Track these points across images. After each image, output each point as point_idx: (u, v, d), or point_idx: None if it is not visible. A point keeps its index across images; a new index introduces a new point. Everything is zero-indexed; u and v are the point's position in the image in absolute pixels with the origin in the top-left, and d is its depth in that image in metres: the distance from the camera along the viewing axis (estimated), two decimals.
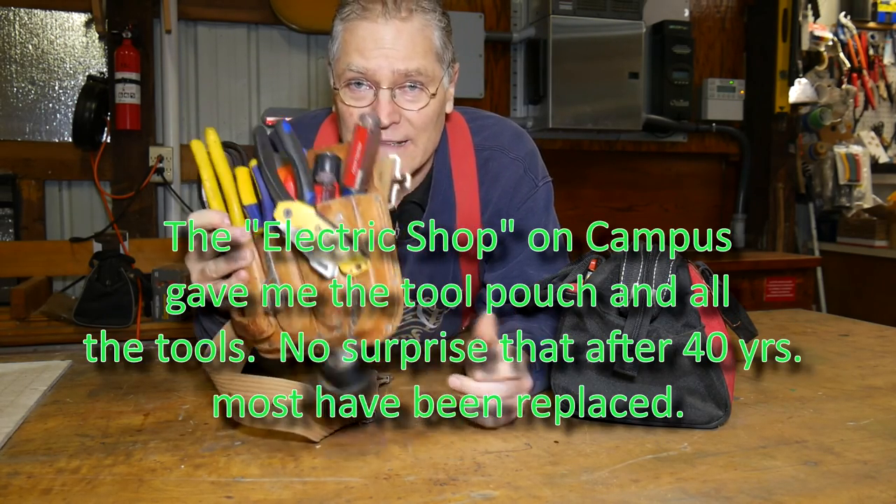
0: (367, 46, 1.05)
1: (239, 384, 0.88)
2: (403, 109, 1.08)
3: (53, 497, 0.75)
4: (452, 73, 1.16)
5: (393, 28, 1.05)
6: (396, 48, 1.05)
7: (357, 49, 1.06)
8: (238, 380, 0.89)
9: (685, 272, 0.98)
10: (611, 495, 0.75)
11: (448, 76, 1.15)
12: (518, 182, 1.24)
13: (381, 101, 1.06)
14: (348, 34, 1.07)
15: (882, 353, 1.38)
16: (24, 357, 1.36)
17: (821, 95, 3.91)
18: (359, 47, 1.06)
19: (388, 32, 1.05)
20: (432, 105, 1.10)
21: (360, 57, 1.05)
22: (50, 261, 2.73)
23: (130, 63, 2.77)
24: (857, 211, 3.95)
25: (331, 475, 0.80)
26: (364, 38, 1.05)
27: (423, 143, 1.13)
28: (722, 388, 0.95)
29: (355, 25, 1.06)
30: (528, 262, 1.24)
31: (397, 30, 1.05)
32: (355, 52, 1.06)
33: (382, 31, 1.05)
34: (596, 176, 3.69)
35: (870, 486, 0.78)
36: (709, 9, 3.72)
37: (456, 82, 1.19)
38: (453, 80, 1.17)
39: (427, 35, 1.08)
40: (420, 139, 1.12)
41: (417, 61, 1.06)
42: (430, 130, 1.13)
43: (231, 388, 0.88)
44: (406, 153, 1.11)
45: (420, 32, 1.07)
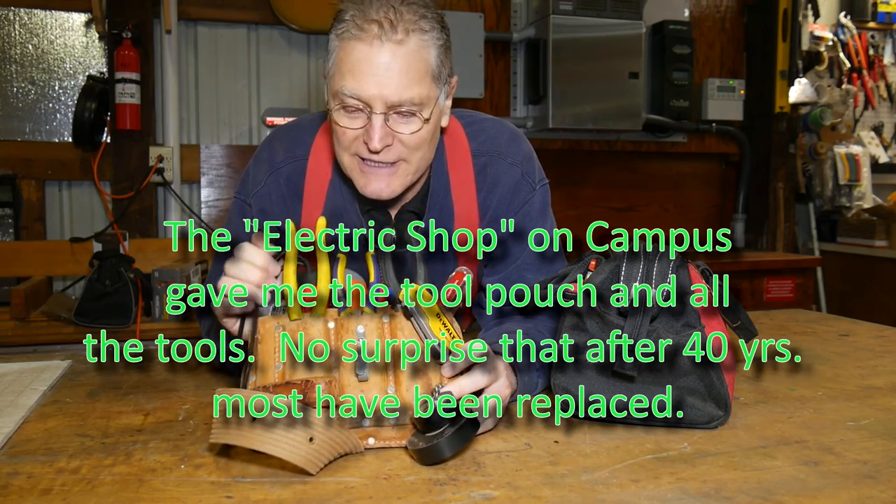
0: (361, 70, 1.03)
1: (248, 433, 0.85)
2: (397, 132, 1.07)
3: (53, 497, 0.75)
4: (449, 88, 1.14)
5: (388, 52, 1.02)
6: (390, 76, 1.03)
7: (351, 72, 1.03)
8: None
9: (685, 272, 0.98)
10: (611, 495, 0.75)
11: (444, 92, 1.12)
12: (515, 187, 1.23)
13: (373, 125, 1.05)
14: (343, 53, 1.05)
15: (882, 353, 1.38)
16: (24, 357, 1.36)
17: (821, 95, 3.91)
18: (353, 70, 1.03)
19: (383, 57, 1.02)
20: (426, 128, 1.09)
21: (354, 80, 1.03)
22: (50, 261, 2.73)
23: (130, 63, 2.77)
24: (857, 211, 3.95)
25: (331, 475, 0.80)
26: (358, 62, 1.03)
27: (416, 161, 1.12)
28: (722, 388, 0.95)
29: (350, 46, 1.04)
30: (525, 265, 1.24)
31: (392, 54, 1.02)
32: (349, 75, 1.04)
33: (377, 56, 1.02)
34: (596, 176, 3.69)
35: (870, 486, 0.78)
36: (709, 9, 3.72)
37: (453, 94, 1.16)
38: (450, 94, 1.15)
39: (423, 57, 1.05)
40: (413, 159, 1.11)
41: (412, 90, 1.04)
42: (424, 149, 1.12)
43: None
44: (397, 174, 1.11)
45: (416, 55, 1.04)
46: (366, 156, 1.08)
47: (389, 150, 1.08)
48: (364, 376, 0.89)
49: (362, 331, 0.92)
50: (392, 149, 1.08)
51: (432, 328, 0.91)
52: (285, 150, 1.23)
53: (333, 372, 0.89)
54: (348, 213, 1.22)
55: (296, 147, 1.23)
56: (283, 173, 1.22)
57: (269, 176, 1.22)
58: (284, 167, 1.22)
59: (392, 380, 0.90)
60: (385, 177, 1.10)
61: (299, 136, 1.25)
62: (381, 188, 1.11)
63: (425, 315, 0.91)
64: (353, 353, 0.91)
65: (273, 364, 0.90)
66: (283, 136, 1.27)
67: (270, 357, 0.91)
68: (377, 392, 0.89)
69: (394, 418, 0.89)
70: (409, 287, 0.93)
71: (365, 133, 1.06)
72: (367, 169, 1.10)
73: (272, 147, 1.25)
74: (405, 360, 0.92)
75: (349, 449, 0.85)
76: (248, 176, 1.25)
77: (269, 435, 0.78)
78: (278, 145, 1.25)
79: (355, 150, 1.09)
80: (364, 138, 1.07)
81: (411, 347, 0.92)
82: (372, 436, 0.88)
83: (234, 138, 3.15)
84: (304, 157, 1.22)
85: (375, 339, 0.92)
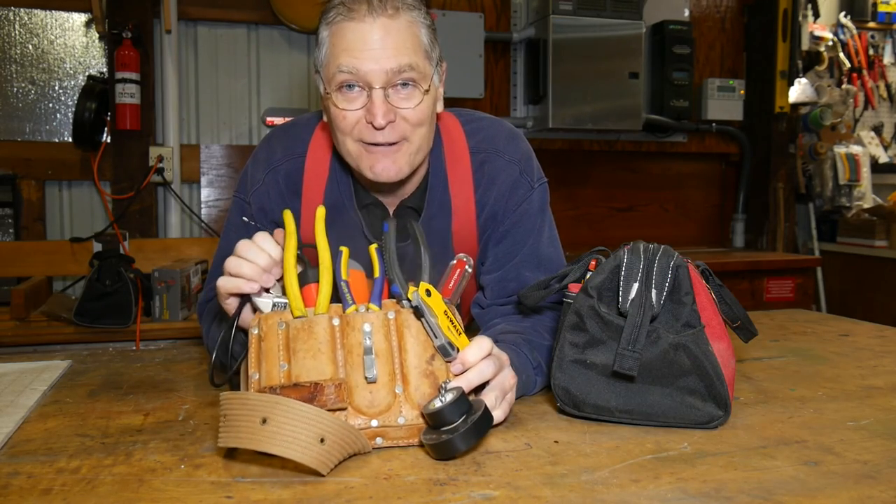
0: (357, 47, 1.04)
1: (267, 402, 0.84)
2: (398, 108, 1.07)
3: (53, 497, 0.75)
4: (441, 71, 1.16)
5: (380, 26, 1.04)
6: (386, 46, 1.04)
7: (346, 50, 1.05)
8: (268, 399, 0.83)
9: (685, 271, 0.98)
10: (611, 495, 0.75)
11: (437, 74, 1.14)
12: (514, 185, 1.23)
13: (374, 101, 1.06)
14: (336, 37, 1.06)
15: (882, 353, 1.38)
16: (24, 357, 1.36)
17: (821, 95, 3.91)
18: (348, 48, 1.05)
19: (376, 31, 1.04)
20: (426, 101, 1.10)
21: (350, 57, 1.04)
22: (50, 261, 2.73)
23: (130, 63, 2.77)
24: (857, 211, 3.95)
25: (331, 475, 0.80)
26: (352, 40, 1.04)
27: (418, 140, 1.12)
28: (722, 388, 0.95)
29: (342, 27, 1.05)
30: (524, 264, 1.24)
31: (385, 28, 1.04)
32: (344, 53, 1.05)
33: (370, 30, 1.04)
34: (596, 176, 3.69)
35: (870, 486, 0.78)
36: (709, 9, 3.72)
37: (444, 82, 1.18)
38: (442, 79, 1.17)
39: (414, 32, 1.07)
40: (415, 137, 1.11)
41: (408, 56, 1.06)
42: (425, 127, 1.12)
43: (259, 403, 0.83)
44: (401, 152, 1.11)
45: (408, 29, 1.06)
46: (369, 139, 1.09)
47: (394, 126, 1.08)
48: (373, 377, 0.89)
49: (369, 329, 0.91)
50: (395, 126, 1.08)
51: (440, 325, 0.90)
52: (283, 149, 1.24)
53: (340, 372, 0.89)
54: (347, 209, 1.22)
55: (294, 145, 1.24)
56: (281, 171, 1.23)
57: (267, 174, 1.23)
58: (282, 165, 1.23)
59: (400, 379, 0.90)
60: (391, 155, 1.10)
61: (296, 134, 1.25)
62: (388, 166, 1.11)
63: (434, 313, 0.91)
64: (361, 350, 0.90)
65: (277, 363, 0.89)
66: (280, 135, 1.27)
67: (274, 355, 0.90)
68: (385, 391, 0.89)
69: (402, 419, 0.89)
70: (418, 284, 0.92)
71: (367, 112, 1.07)
72: (373, 150, 1.10)
73: (270, 146, 1.26)
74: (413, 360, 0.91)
75: (358, 449, 0.85)
76: (246, 175, 1.26)
77: (280, 437, 0.78)
78: (276, 144, 1.25)
79: (358, 134, 1.10)
80: (367, 118, 1.07)
81: (418, 349, 0.92)
82: (380, 435, 0.88)
83: (234, 138, 3.15)
84: (302, 154, 1.23)
85: (382, 337, 0.92)
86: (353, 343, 0.91)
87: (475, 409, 0.86)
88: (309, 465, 0.78)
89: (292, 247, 0.94)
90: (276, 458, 0.84)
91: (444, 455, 0.84)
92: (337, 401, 0.85)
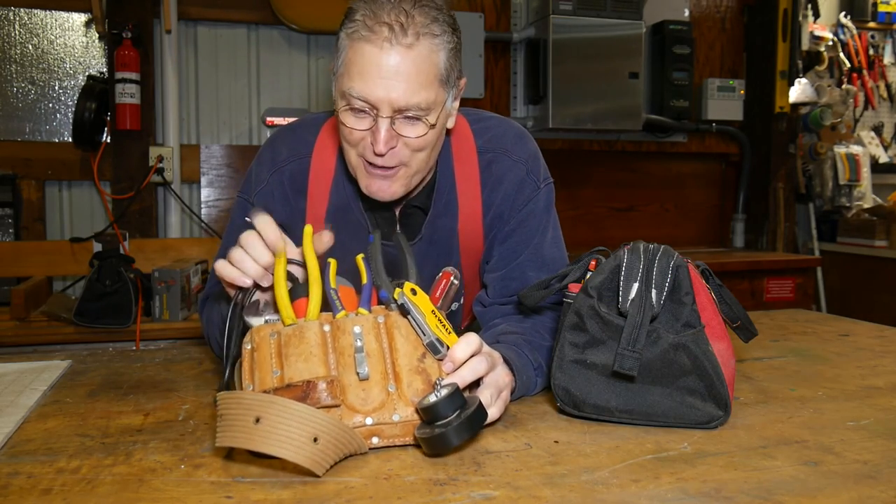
0: (370, 73, 1.02)
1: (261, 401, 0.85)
2: (401, 135, 1.07)
3: (53, 497, 0.75)
4: (457, 90, 1.13)
5: (397, 56, 1.02)
6: (398, 80, 1.02)
7: (360, 74, 1.03)
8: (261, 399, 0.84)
9: (685, 271, 0.98)
10: (611, 495, 0.75)
11: (452, 95, 1.12)
12: (520, 184, 1.23)
13: (379, 129, 1.05)
14: (352, 53, 1.04)
15: (882, 353, 1.38)
16: (24, 357, 1.36)
17: (821, 95, 3.91)
18: (361, 72, 1.03)
19: (392, 60, 1.02)
20: (431, 133, 1.09)
21: (362, 83, 1.03)
22: (50, 261, 2.73)
23: (130, 63, 2.77)
24: (857, 211, 3.95)
25: (331, 475, 0.80)
26: (367, 64, 1.03)
27: (416, 165, 1.12)
28: (722, 388, 0.95)
29: (360, 47, 1.03)
30: (527, 264, 1.24)
31: (401, 58, 1.02)
32: (357, 77, 1.04)
33: (386, 59, 1.02)
34: (596, 176, 3.69)
35: (870, 486, 0.78)
36: (709, 9, 3.72)
37: (461, 95, 1.16)
38: (458, 95, 1.14)
39: (433, 61, 1.05)
40: (413, 162, 1.11)
41: (419, 95, 1.04)
42: (427, 152, 1.12)
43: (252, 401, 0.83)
44: (397, 176, 1.11)
45: (426, 60, 1.04)
46: (370, 158, 1.09)
47: (393, 153, 1.08)
48: (364, 374, 0.89)
49: (359, 331, 0.92)
50: (395, 152, 1.08)
51: (428, 323, 0.91)
52: (288, 150, 1.24)
53: (332, 372, 0.89)
54: (352, 210, 1.23)
55: (299, 146, 1.24)
56: (286, 172, 1.23)
57: (272, 175, 1.23)
58: (287, 166, 1.23)
59: (392, 377, 0.90)
60: (387, 178, 1.11)
61: (302, 135, 1.25)
62: (383, 188, 1.12)
63: (421, 311, 0.92)
64: (352, 351, 0.91)
65: (270, 370, 0.89)
66: (285, 135, 1.27)
67: (267, 363, 0.90)
68: (378, 389, 0.89)
69: (397, 416, 0.89)
70: (403, 285, 0.93)
71: (371, 135, 1.07)
72: (371, 170, 1.11)
73: (275, 147, 1.26)
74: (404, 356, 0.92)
75: (354, 449, 0.85)
76: (250, 175, 1.26)
77: (274, 436, 0.78)
78: (281, 145, 1.25)
79: (361, 150, 1.10)
80: (370, 139, 1.07)
81: (408, 347, 0.92)
82: (376, 434, 0.88)
83: (234, 138, 3.15)
84: (308, 155, 1.23)
85: (373, 339, 0.93)
86: (344, 345, 0.91)
87: (469, 404, 0.86)
88: (302, 465, 0.78)
89: (283, 260, 0.95)
90: (276, 459, 0.84)
91: (436, 449, 0.84)
92: (329, 397, 0.85)
